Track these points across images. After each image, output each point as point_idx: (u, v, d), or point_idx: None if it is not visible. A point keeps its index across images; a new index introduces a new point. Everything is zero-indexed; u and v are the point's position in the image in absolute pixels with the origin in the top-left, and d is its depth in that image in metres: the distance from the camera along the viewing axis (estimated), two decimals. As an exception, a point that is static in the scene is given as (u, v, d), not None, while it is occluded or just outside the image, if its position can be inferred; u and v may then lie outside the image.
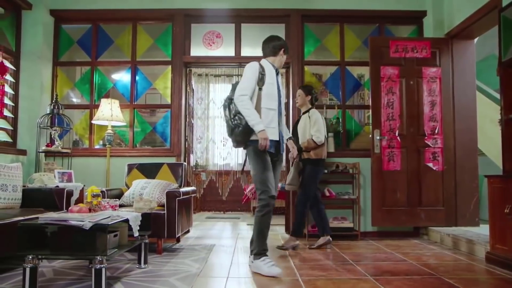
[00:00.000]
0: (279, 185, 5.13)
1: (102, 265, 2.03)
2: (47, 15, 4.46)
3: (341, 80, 4.63)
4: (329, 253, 3.44)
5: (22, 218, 2.64)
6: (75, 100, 5.04)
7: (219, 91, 7.05)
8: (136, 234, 2.52)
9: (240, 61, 4.67)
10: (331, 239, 3.72)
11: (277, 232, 4.68)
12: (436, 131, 4.20)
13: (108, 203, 2.55)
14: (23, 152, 4.13)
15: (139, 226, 2.57)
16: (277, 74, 2.98)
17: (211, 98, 7.00)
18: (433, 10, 4.39)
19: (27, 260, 2.02)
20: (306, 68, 4.59)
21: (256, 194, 2.94)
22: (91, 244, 2.03)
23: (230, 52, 4.65)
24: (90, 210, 2.34)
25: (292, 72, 4.54)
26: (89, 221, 2.02)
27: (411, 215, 4.14)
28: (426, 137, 4.19)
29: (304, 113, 3.87)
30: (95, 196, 2.48)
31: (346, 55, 4.65)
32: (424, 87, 4.23)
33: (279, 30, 4.58)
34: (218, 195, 6.95)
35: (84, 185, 4.00)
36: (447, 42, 4.27)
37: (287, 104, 4.62)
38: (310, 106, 3.86)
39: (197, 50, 4.66)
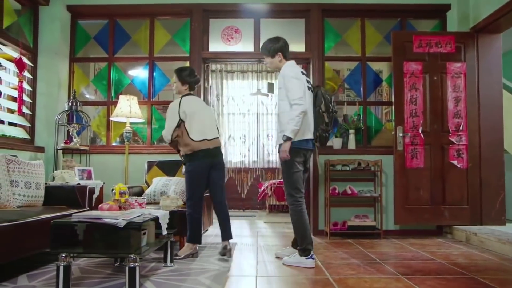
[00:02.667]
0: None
1: (136, 264, 1.98)
2: (64, 11, 4.41)
3: (362, 76, 4.54)
4: (354, 252, 3.37)
5: (48, 216, 2.61)
6: (89, 96, 4.99)
7: (234, 87, 6.96)
8: (165, 232, 2.48)
9: (259, 56, 4.58)
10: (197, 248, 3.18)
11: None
12: (460, 128, 4.10)
13: (136, 201, 2.51)
14: (41, 149, 4.10)
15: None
16: None
17: (230, 95, 6.90)
18: (458, 4, 4.28)
19: (60, 258, 1.98)
20: (327, 63, 4.51)
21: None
22: (125, 242, 1.99)
23: (249, 47, 4.57)
24: (120, 208, 2.30)
25: (312, 68, 4.45)
26: (123, 219, 1.97)
27: (435, 214, 4.05)
28: (450, 134, 4.10)
29: None
30: (122, 193, 2.44)
31: (367, 50, 4.56)
32: (448, 82, 4.13)
33: (299, 25, 4.50)
34: (235, 193, 6.88)
35: (104, 183, 3.96)
36: (473, 36, 4.16)
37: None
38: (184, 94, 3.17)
39: (216, 45, 4.58)
